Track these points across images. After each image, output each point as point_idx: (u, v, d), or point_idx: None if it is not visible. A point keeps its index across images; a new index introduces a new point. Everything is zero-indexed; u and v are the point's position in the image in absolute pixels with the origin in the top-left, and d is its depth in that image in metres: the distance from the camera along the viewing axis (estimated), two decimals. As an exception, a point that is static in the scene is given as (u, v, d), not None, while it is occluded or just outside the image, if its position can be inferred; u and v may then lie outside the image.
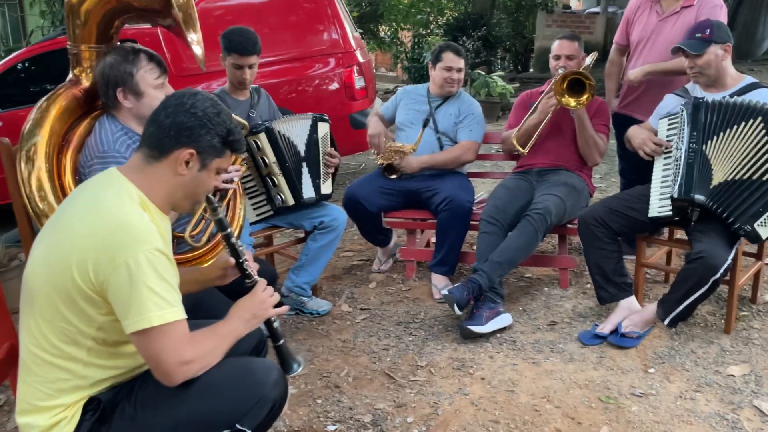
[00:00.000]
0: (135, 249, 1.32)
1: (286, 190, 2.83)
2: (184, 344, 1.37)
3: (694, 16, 2.96)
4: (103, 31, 1.97)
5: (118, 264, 1.31)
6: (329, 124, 2.99)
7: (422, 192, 3.22)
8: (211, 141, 1.46)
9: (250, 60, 2.80)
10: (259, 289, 1.60)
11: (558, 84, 2.90)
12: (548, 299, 3.03)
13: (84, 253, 1.33)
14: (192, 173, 1.47)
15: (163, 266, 1.36)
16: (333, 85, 4.83)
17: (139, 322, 1.32)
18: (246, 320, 1.54)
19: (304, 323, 2.91)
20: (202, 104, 1.46)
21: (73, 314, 1.36)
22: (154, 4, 1.90)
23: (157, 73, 1.98)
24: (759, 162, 2.39)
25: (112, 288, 1.32)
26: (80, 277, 1.33)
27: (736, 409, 2.15)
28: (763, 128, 2.39)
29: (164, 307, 1.33)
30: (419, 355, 2.58)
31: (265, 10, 4.98)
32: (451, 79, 3.25)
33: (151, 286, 1.32)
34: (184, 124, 1.43)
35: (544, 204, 2.84)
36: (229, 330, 1.51)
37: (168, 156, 1.44)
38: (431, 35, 12.19)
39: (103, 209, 1.37)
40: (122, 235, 1.33)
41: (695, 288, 2.40)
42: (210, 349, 1.44)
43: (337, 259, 3.67)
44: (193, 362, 1.39)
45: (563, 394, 2.27)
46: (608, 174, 5.12)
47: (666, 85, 2.99)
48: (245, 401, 1.48)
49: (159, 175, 1.45)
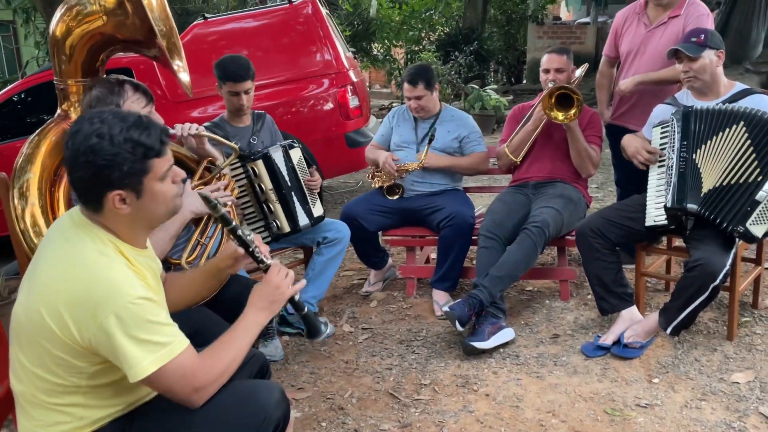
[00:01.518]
0: (116, 303, 1.29)
1: (282, 217, 2.81)
2: (192, 373, 1.36)
3: (681, 25, 2.99)
4: (89, 64, 2.00)
5: (101, 321, 1.28)
6: (300, 148, 2.97)
7: (422, 210, 3.23)
8: (122, 172, 1.33)
9: (245, 86, 2.83)
10: (273, 274, 1.59)
11: (546, 99, 2.92)
12: (550, 312, 3.03)
13: (60, 309, 1.29)
14: (134, 204, 1.38)
15: (149, 310, 1.33)
16: (327, 105, 4.87)
17: (137, 373, 1.30)
18: (265, 308, 1.55)
19: (307, 345, 2.90)
20: (86, 144, 1.31)
21: (62, 369, 1.35)
22: (137, 35, 1.92)
23: (144, 102, 2.00)
24: (744, 164, 2.41)
25: (102, 345, 1.30)
26: (62, 332, 1.30)
27: (742, 416, 2.14)
28: (746, 131, 2.42)
29: (158, 350, 1.32)
30: (423, 374, 2.57)
31: (258, 34, 5.04)
32: (413, 108, 3.26)
33: (140, 336, 1.30)
34: (86, 177, 1.33)
35: (542, 217, 2.85)
36: (247, 326, 1.51)
37: (103, 207, 1.37)
38: (424, 51, 12.29)
39: (77, 261, 1.33)
40: (100, 290, 1.29)
41: (696, 296, 2.40)
42: (228, 361, 1.43)
43: (338, 279, 3.67)
44: (208, 384, 1.39)
45: (568, 408, 2.26)
46: (605, 184, 5.14)
47: (657, 94, 3.02)
48: (249, 424, 1.47)
49: (108, 221, 1.40)
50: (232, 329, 1.50)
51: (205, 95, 4.59)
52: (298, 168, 2.91)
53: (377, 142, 3.48)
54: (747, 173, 2.40)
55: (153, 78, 4.81)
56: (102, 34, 2.02)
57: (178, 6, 11.41)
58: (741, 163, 2.41)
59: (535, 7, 12.37)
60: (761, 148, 2.38)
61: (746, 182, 2.40)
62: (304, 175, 2.94)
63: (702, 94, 2.67)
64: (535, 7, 12.37)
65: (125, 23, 2.00)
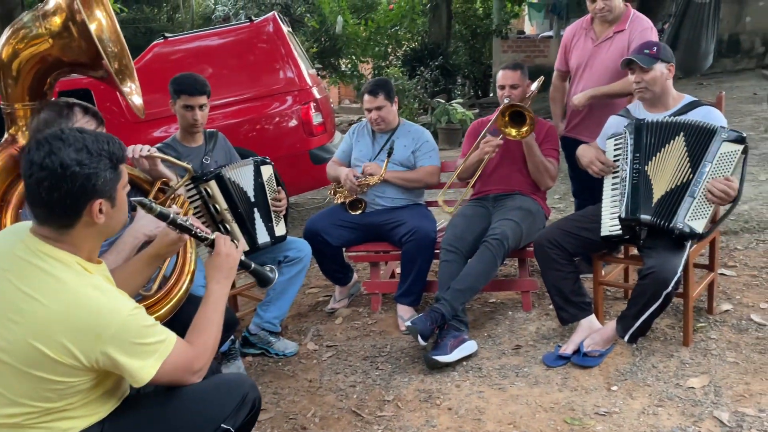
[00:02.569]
0: (116, 321, 1.37)
1: (239, 236, 2.78)
2: (187, 359, 1.50)
3: (627, 40, 3.09)
4: (37, 87, 1.97)
5: (105, 342, 1.35)
6: (272, 166, 2.98)
7: (385, 224, 3.24)
8: (105, 179, 1.40)
9: (199, 100, 2.81)
10: (220, 246, 1.71)
11: (500, 118, 2.97)
12: (512, 323, 3.06)
13: (62, 339, 1.33)
14: (108, 213, 1.44)
15: (142, 317, 1.43)
16: (291, 122, 4.87)
17: (143, 379, 1.41)
18: (224, 277, 1.68)
19: (270, 365, 2.87)
20: (69, 157, 1.35)
21: (56, 393, 1.37)
22: (83, 57, 1.90)
23: (94, 124, 1.98)
24: (681, 169, 2.50)
25: (108, 363, 1.38)
26: (66, 359, 1.34)
27: (697, 421, 2.18)
28: (684, 141, 2.51)
29: (156, 351, 1.43)
30: (386, 390, 2.57)
31: (222, 53, 5.04)
32: (372, 119, 3.29)
33: (143, 341, 1.41)
34: (73, 189, 1.36)
35: (501, 229, 2.89)
36: (216, 299, 1.64)
37: (80, 218, 1.40)
38: (390, 67, 12.39)
39: (64, 288, 1.36)
40: (97, 314, 1.35)
41: (650, 303, 2.45)
42: (212, 337, 1.58)
43: (302, 297, 3.66)
44: (203, 363, 1.54)
45: (529, 419, 2.28)
46: (567, 195, 5.22)
47: (608, 106, 3.10)
48: (229, 401, 1.59)
49: (80, 235, 1.43)
50: (203, 307, 1.61)
51: (168, 114, 4.55)
52: (267, 185, 2.91)
53: (338, 158, 3.50)
54: (683, 175, 2.50)
55: (113, 99, 4.76)
56: (49, 56, 2.00)
57: (143, 25, 11.36)
58: (679, 169, 2.51)
59: (499, 22, 12.58)
60: (693, 150, 2.49)
61: (682, 183, 2.49)
62: (271, 194, 2.93)
63: (653, 106, 2.74)
64: (498, 22, 12.58)
65: (71, 46, 1.98)
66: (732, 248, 3.60)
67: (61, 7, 1.98)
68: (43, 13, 2.01)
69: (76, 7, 1.92)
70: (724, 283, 3.16)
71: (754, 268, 3.30)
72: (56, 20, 1.98)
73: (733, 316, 2.85)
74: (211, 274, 1.67)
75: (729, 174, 2.44)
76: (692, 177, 2.47)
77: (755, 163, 5.28)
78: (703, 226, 2.44)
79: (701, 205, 2.45)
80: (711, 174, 2.45)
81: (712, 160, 2.45)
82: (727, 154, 2.44)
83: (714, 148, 2.46)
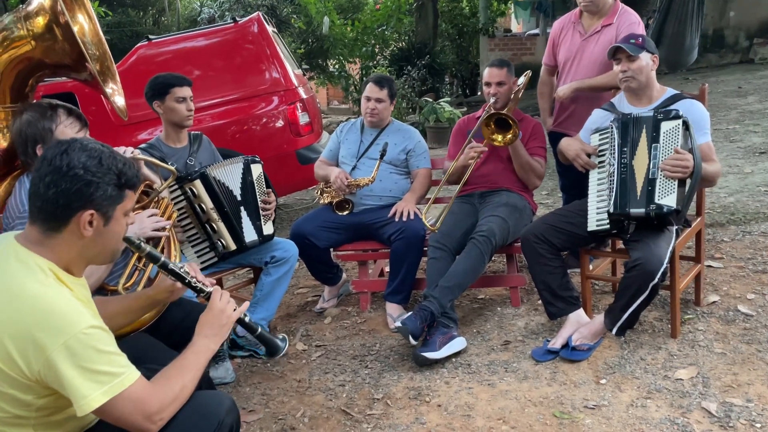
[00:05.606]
0: (66, 334, 1.27)
1: (226, 235, 2.77)
2: (144, 400, 1.36)
3: (614, 33, 3.10)
4: (18, 89, 1.95)
5: (49, 354, 1.26)
6: (261, 165, 2.97)
7: (373, 224, 3.23)
8: (105, 193, 1.38)
9: (188, 91, 2.86)
10: (215, 300, 1.61)
11: (484, 127, 2.96)
12: (501, 319, 3.05)
13: (6, 343, 1.27)
14: (98, 230, 1.40)
15: (100, 339, 1.32)
16: (278, 122, 4.86)
17: (87, 405, 1.29)
18: (214, 334, 1.57)
19: (259, 366, 2.86)
20: (78, 160, 1.36)
21: (8, 404, 1.32)
22: (66, 59, 1.89)
23: (78, 126, 1.96)
24: (646, 158, 2.53)
25: (51, 378, 1.28)
26: (8, 367, 1.28)
27: (686, 412, 2.19)
28: (646, 133, 2.55)
29: (109, 381, 1.31)
30: (375, 388, 2.56)
31: (206, 54, 5.02)
32: (369, 108, 3.29)
33: (91, 366, 1.29)
34: (70, 190, 1.35)
35: (488, 226, 2.89)
36: (197, 352, 1.52)
37: (67, 224, 1.37)
38: (378, 66, 12.38)
39: (18, 292, 1.30)
40: (48, 322, 1.27)
41: (636, 295, 2.46)
42: (180, 387, 1.43)
43: (291, 297, 3.64)
44: (162, 411, 1.39)
45: (518, 414, 2.28)
46: (554, 190, 5.23)
47: (594, 100, 3.10)
48: (203, 429, 1.47)
49: (64, 244, 1.39)
50: (183, 356, 1.50)
51: (152, 117, 4.51)
52: (256, 183, 2.90)
53: (325, 157, 3.48)
54: (646, 163, 2.53)
55: (97, 101, 4.72)
56: (30, 59, 1.99)
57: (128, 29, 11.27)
58: (645, 158, 2.54)
59: (486, 21, 12.60)
60: (650, 138, 2.53)
61: (646, 170, 2.52)
62: (261, 194, 2.92)
63: (637, 99, 2.75)
64: (485, 21, 12.61)
65: (54, 48, 1.97)
66: (718, 240, 3.62)
67: (44, 9, 1.96)
68: (26, 14, 2.00)
69: (60, 9, 1.91)
70: (711, 275, 3.17)
71: (741, 260, 3.32)
72: (39, 22, 1.97)
73: (721, 307, 2.87)
74: (201, 330, 1.56)
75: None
76: (649, 161, 2.52)
77: (740, 156, 5.32)
78: (674, 200, 2.45)
79: (664, 183, 2.48)
80: (662, 152, 2.49)
81: (659, 141, 2.51)
82: (669, 131, 2.50)
83: (661, 131, 2.52)
